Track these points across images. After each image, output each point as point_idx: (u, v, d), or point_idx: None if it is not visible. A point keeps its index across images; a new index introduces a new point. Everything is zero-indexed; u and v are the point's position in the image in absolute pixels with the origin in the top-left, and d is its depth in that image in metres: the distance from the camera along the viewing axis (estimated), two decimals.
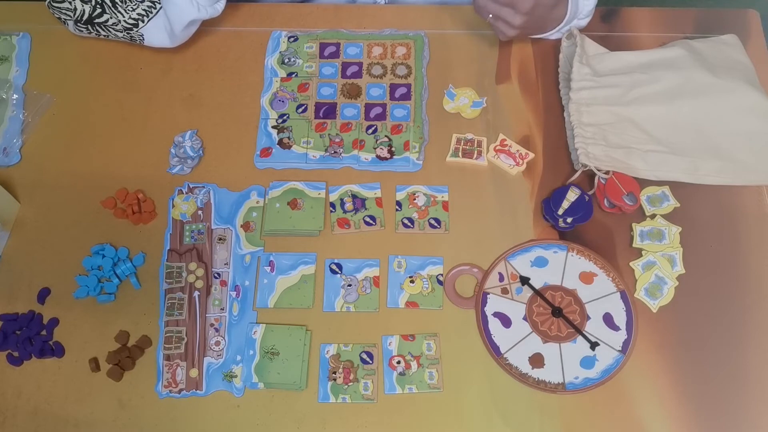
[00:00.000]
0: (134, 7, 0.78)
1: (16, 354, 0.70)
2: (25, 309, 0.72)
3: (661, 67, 0.82)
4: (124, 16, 0.79)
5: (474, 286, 0.73)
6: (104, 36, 0.84)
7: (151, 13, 0.79)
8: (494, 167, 0.80)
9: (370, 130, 0.82)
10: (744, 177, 0.78)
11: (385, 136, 0.81)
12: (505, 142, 0.80)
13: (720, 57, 0.84)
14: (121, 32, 0.82)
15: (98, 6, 0.79)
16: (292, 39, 0.88)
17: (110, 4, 0.78)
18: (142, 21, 0.79)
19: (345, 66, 0.86)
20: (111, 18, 0.79)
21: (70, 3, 0.80)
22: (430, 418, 0.67)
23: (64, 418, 0.67)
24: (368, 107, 0.83)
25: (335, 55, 0.87)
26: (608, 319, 0.71)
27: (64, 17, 0.82)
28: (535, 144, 0.81)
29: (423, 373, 0.69)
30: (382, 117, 0.83)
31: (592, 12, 0.84)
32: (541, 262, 0.74)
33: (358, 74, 0.86)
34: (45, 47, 0.88)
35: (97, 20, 0.80)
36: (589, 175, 0.78)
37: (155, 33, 0.82)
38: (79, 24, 0.82)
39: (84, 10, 0.79)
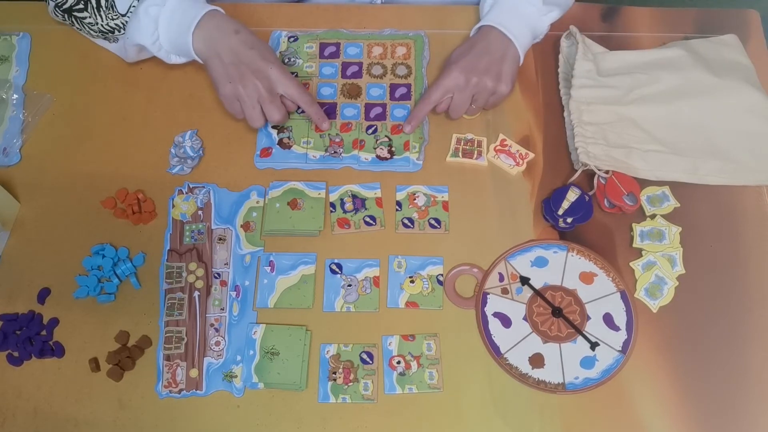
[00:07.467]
0: (114, 17, 0.78)
1: (16, 354, 0.70)
2: (25, 309, 0.72)
3: (661, 67, 0.82)
4: (102, 21, 0.78)
5: (474, 286, 0.73)
6: (78, 29, 0.83)
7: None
8: (494, 167, 0.80)
9: (370, 130, 0.82)
10: (744, 177, 0.78)
11: (385, 136, 0.81)
12: (505, 142, 0.80)
13: (720, 57, 0.84)
14: (96, 33, 0.81)
15: (81, 0, 0.79)
16: (292, 39, 0.88)
17: (94, 5, 0.78)
18: (119, 31, 0.79)
19: (345, 66, 0.86)
20: (90, 17, 0.79)
21: None
22: (430, 419, 0.67)
23: (64, 418, 0.67)
24: (368, 107, 0.83)
25: (335, 55, 0.87)
26: (608, 319, 0.71)
27: None
28: (535, 144, 0.81)
29: (423, 373, 0.69)
30: (382, 117, 0.83)
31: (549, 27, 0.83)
32: (541, 262, 0.74)
33: (358, 74, 0.86)
34: (45, 47, 0.88)
35: (76, 13, 0.80)
36: (589, 175, 0.78)
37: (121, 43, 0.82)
38: (57, 9, 0.81)
39: None
